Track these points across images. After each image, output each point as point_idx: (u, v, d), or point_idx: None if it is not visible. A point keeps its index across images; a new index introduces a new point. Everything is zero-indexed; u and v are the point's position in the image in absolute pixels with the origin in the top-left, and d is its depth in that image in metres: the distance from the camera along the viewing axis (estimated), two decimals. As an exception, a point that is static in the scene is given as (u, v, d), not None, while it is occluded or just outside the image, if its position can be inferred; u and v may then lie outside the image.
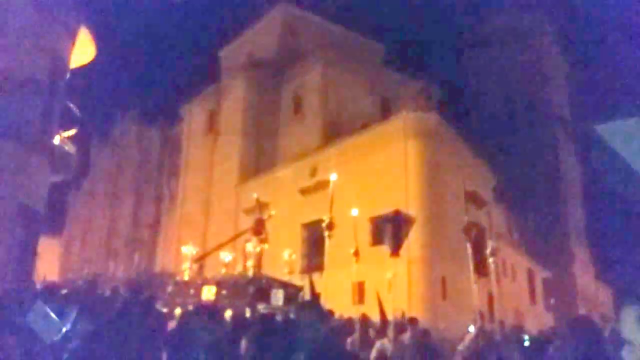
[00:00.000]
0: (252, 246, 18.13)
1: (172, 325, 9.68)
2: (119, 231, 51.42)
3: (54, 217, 46.68)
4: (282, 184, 32.21)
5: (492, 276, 10.29)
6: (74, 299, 9.41)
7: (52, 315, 3.74)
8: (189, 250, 21.02)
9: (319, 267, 25.06)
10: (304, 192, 29.59)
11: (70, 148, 10.61)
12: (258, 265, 17.39)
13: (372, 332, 10.18)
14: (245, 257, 18.62)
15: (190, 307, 13.07)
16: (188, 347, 7.43)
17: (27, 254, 9.78)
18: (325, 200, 29.94)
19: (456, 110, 46.77)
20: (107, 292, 12.22)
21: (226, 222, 37.88)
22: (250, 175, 38.18)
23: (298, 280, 18.98)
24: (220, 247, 22.71)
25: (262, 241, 17.94)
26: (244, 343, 7.00)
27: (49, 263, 40.19)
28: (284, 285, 16.47)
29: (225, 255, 20.83)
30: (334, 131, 32.93)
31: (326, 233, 10.16)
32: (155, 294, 10.82)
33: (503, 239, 32.50)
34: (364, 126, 31.16)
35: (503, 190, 35.64)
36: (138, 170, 51.51)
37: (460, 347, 6.95)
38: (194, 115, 45.05)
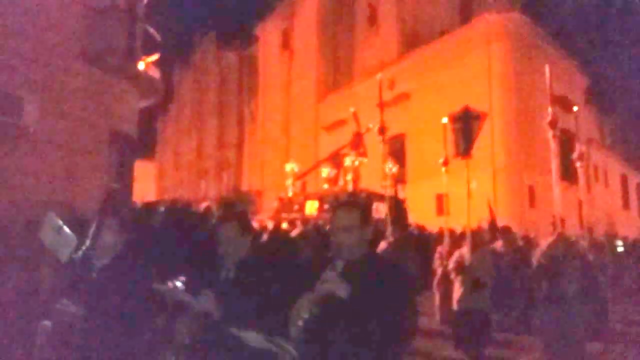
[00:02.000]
0: (350, 160, 18.19)
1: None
2: (207, 152, 53.49)
3: (146, 142, 49.11)
4: (360, 98, 31.79)
5: (581, 182, 9.86)
6: (172, 217, 10.03)
7: (66, 229, 3.58)
8: (292, 167, 21.45)
9: (401, 180, 25.14)
10: (383, 105, 29.15)
11: (154, 73, 10.92)
12: (357, 179, 17.51)
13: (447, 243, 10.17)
14: (345, 171, 18.76)
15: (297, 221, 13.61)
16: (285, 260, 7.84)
17: (125, 177, 10.38)
18: (405, 113, 29.49)
19: (542, 7, 43.29)
20: (201, 210, 12.90)
21: (306, 140, 38.35)
22: (327, 92, 37.99)
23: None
24: (321, 163, 22.87)
25: (361, 155, 17.86)
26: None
27: (145, 186, 42.86)
28: (385, 198, 16.60)
29: (327, 171, 20.99)
30: (412, 41, 31.72)
31: (379, 137, 9.62)
32: (245, 209, 11.34)
33: (594, 144, 30.85)
34: (443, 33, 29.76)
35: (595, 92, 33.37)
36: (219, 93, 52.58)
37: (537, 254, 6.68)
38: (269, 34, 44.79)
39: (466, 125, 8.09)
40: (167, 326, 2.84)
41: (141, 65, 10.13)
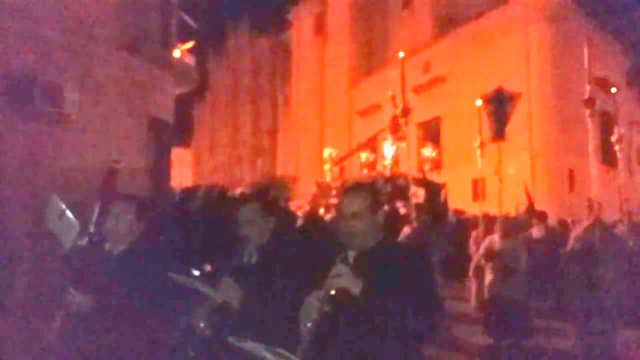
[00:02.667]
0: (388, 145, 17.97)
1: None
2: (241, 139, 53.95)
3: (182, 129, 49.83)
4: (394, 83, 31.51)
5: (621, 165, 9.60)
6: (209, 202, 10.20)
7: (69, 214, 3.32)
8: (330, 152, 21.40)
9: (437, 165, 24.88)
10: (417, 90, 28.80)
11: (189, 61, 11.04)
12: (395, 163, 17.32)
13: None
14: (382, 156, 18.58)
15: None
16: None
17: (163, 163, 10.56)
18: (440, 97, 29.11)
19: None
20: (236, 195, 13.08)
21: (340, 125, 38.27)
22: (361, 77, 37.74)
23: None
24: (359, 148, 22.68)
25: (399, 139, 17.57)
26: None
27: (182, 172, 43.57)
28: (424, 183, 16.30)
29: (365, 156, 20.81)
30: (447, 23, 31.17)
31: (402, 120, 9.27)
32: (279, 195, 11.42)
33: (636, 127, 29.82)
34: (479, 15, 29.14)
35: (638, 74, 32.21)
36: (253, 79, 52.84)
37: (572, 239, 6.52)
38: (302, 19, 44.66)
39: (500, 107, 7.89)
40: (187, 319, 2.66)
41: (177, 53, 10.26)
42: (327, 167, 21.08)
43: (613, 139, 8.73)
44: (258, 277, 2.65)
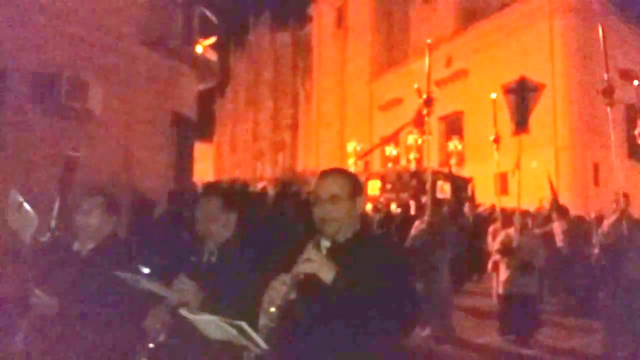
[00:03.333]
0: (412, 138, 17.73)
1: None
2: (262, 133, 54.15)
3: (204, 124, 50.18)
4: (416, 76, 31.32)
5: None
6: (230, 196, 10.26)
7: (27, 206, 3.12)
8: (354, 146, 21.21)
9: (460, 159, 24.68)
10: (439, 83, 28.57)
11: (211, 56, 11.09)
12: (420, 157, 17.14)
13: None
14: (407, 150, 18.38)
15: None
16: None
17: (185, 158, 10.65)
18: (462, 90, 28.84)
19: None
20: (257, 189, 13.17)
21: (361, 119, 38.16)
22: (382, 70, 37.56)
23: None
24: (384, 142, 22.52)
25: (425, 132, 17.27)
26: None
27: (204, 167, 43.92)
28: (451, 177, 16.09)
29: (390, 149, 20.56)
30: (469, 16, 30.83)
31: (425, 111, 8.98)
32: (301, 189, 11.44)
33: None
34: (503, 7, 28.76)
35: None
36: (274, 74, 52.94)
37: (599, 234, 6.28)
38: (323, 13, 44.56)
39: (522, 97, 7.50)
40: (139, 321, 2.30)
41: (199, 49, 10.32)
42: (351, 161, 20.97)
43: (636, 132, 8.45)
44: (218, 277, 2.35)
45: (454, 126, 29.03)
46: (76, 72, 7.37)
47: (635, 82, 10.10)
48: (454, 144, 20.83)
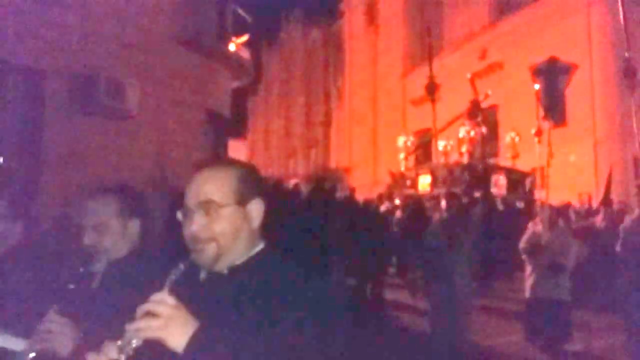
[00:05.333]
0: (465, 131, 16.94)
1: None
2: (295, 131, 54.34)
3: (238, 122, 50.61)
4: (450, 70, 30.86)
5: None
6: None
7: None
8: (404, 140, 20.59)
9: (495, 153, 24.24)
10: (473, 77, 28.12)
11: (244, 54, 11.18)
12: (473, 150, 16.36)
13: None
14: (460, 143, 17.56)
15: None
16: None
17: (220, 155, 10.74)
18: (497, 84, 28.31)
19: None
20: (290, 187, 13.19)
21: (394, 115, 37.90)
22: (414, 65, 37.19)
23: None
24: (436, 134, 21.78)
25: (478, 125, 16.42)
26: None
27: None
28: (506, 171, 15.39)
29: (443, 143, 19.74)
30: (504, 7, 30.25)
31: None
32: (334, 186, 11.42)
33: None
34: (539, -3, 28.15)
35: None
36: (306, 70, 53.03)
37: (622, 231, 5.89)
38: (354, 9, 44.38)
39: (552, 80, 6.78)
40: None
41: (232, 47, 10.40)
42: (401, 156, 20.38)
43: None
44: (98, 309, 1.66)
45: (489, 120, 28.57)
46: (113, 72, 7.52)
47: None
48: (510, 136, 19.98)
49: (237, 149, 46.92)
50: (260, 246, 1.41)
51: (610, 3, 23.54)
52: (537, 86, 8.11)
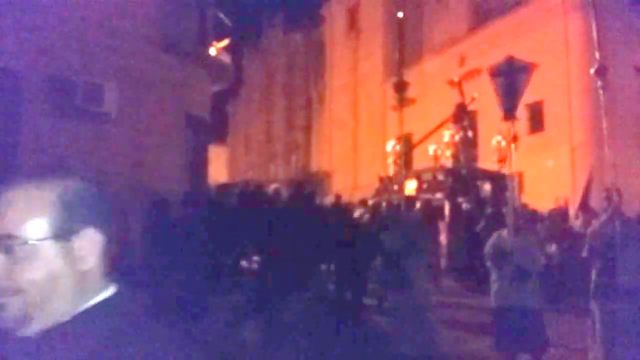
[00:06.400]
0: (449, 135, 16.71)
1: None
2: (276, 135, 54.24)
3: (218, 126, 50.36)
4: (429, 77, 31.19)
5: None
6: (244, 198, 10.32)
7: None
8: (393, 145, 20.51)
9: (474, 159, 24.42)
10: (453, 83, 28.41)
11: (225, 58, 11.15)
12: (457, 155, 16.12)
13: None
14: (445, 147, 17.28)
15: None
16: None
17: (199, 160, 10.70)
18: (477, 89, 28.61)
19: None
20: (270, 191, 13.17)
21: (374, 120, 38.08)
22: (395, 71, 37.43)
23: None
24: (423, 140, 21.60)
25: (464, 129, 16.11)
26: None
27: (218, 169, 44.09)
28: (491, 176, 15.19)
29: (433, 148, 19.55)
30: (483, 13, 30.64)
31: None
32: (314, 190, 11.41)
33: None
34: (517, 5, 28.55)
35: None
36: (286, 75, 53.01)
37: (588, 236, 5.77)
38: (335, 14, 44.56)
39: (511, 79, 6.52)
40: None
41: (212, 51, 10.37)
42: (390, 160, 20.31)
43: None
44: None
45: (470, 125, 28.84)
46: (92, 75, 7.45)
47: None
48: (496, 140, 20.10)
49: (217, 153, 46.72)
50: (102, 295, 0.98)
51: (586, 11, 24.01)
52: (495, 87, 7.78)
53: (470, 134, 15.03)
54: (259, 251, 7.98)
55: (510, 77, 6.47)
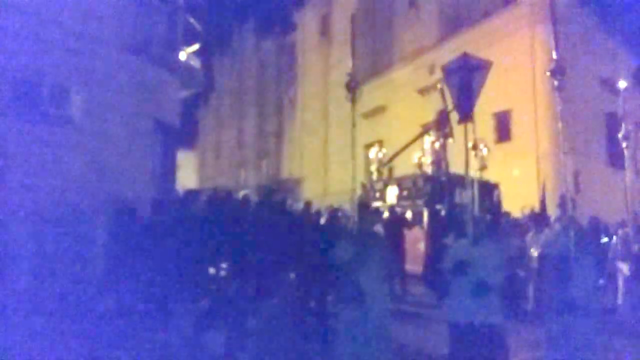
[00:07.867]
0: (430, 141, 16.61)
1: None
2: (246, 141, 53.99)
3: (187, 132, 49.86)
4: (399, 85, 31.52)
5: (627, 162, 9.49)
6: (214, 205, 10.19)
7: None
8: (376, 152, 20.48)
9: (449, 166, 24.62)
10: (422, 92, 28.78)
11: (195, 63, 11.07)
12: (438, 162, 16.02)
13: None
14: (426, 154, 17.10)
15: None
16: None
17: (168, 166, 10.58)
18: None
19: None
20: (239, 198, 13.07)
21: (345, 127, 38.19)
22: (366, 79, 37.72)
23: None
24: (406, 147, 21.29)
25: (445, 136, 15.94)
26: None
27: (187, 174, 43.64)
28: (472, 182, 15.16)
29: (419, 155, 19.42)
30: (453, 24, 31.13)
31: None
32: (285, 197, 11.37)
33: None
34: (486, 15, 29.10)
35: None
36: (258, 81, 52.90)
37: (540, 245, 5.76)
38: (307, 21, 44.72)
39: (465, 78, 6.15)
40: None
41: (182, 56, 10.28)
42: (373, 167, 20.31)
43: (620, 135, 8.16)
44: None
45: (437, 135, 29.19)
46: (57, 78, 7.30)
47: (622, 84, 9.97)
48: (479, 148, 20.04)
49: (186, 159, 46.25)
50: None
51: (551, 23, 24.60)
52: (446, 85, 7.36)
53: (452, 140, 15.02)
54: (226, 258, 7.91)
55: (466, 76, 6.08)
